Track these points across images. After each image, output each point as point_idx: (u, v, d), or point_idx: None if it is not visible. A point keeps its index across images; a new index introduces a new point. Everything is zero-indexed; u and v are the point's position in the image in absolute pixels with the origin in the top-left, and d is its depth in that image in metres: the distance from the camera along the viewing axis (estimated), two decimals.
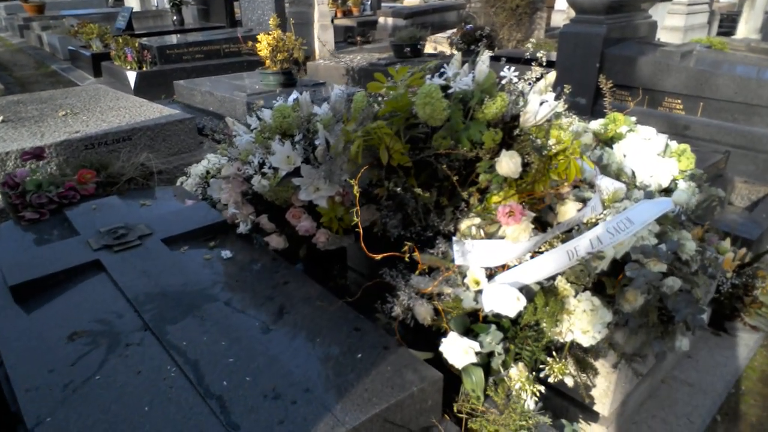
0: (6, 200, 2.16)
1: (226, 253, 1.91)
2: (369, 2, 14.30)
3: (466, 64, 1.78)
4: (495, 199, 1.66)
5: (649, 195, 2.05)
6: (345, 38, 10.05)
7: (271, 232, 2.03)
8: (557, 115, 1.71)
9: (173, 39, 7.01)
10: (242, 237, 2.03)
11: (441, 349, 1.52)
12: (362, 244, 1.53)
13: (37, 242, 1.97)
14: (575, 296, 1.63)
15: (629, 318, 1.74)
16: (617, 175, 2.48)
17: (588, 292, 1.63)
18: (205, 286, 1.70)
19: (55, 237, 2.00)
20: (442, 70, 1.67)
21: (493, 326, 1.54)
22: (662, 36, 6.45)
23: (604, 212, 1.77)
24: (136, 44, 6.20)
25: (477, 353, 1.50)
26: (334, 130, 1.92)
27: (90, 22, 8.11)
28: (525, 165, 1.56)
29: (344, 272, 2.13)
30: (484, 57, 1.69)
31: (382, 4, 13.63)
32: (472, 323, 1.59)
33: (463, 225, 1.64)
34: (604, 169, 2.41)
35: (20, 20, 11.43)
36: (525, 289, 1.58)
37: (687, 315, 1.72)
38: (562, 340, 1.63)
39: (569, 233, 1.69)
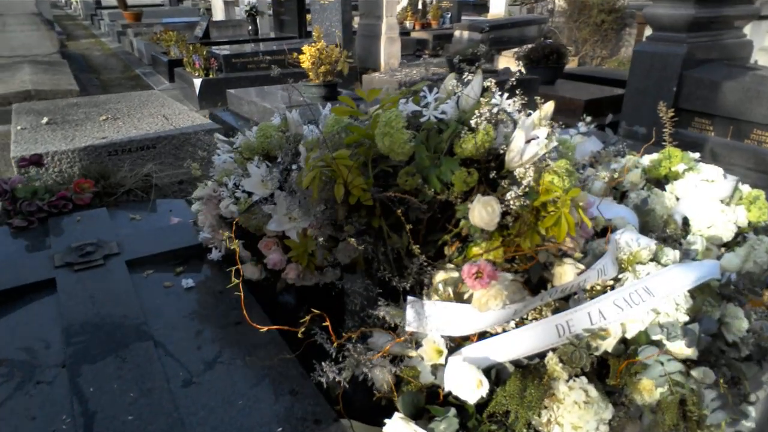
0: (3, 206, 2.15)
1: (188, 282, 1.76)
2: (449, 15, 14.07)
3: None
4: (475, 250, 1.37)
5: (691, 256, 1.65)
6: (414, 51, 9.89)
7: (247, 260, 1.86)
8: (562, 155, 1.39)
9: (244, 48, 7.17)
10: (217, 264, 1.87)
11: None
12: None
13: (11, 252, 1.93)
14: (567, 381, 1.30)
15: (641, 413, 1.38)
16: (665, 224, 2.08)
17: (584, 379, 1.29)
18: (147, 319, 1.55)
19: (30, 248, 1.94)
20: (422, 94, 1.41)
21: (453, 410, 1.25)
22: (760, 58, 5.68)
23: (622, 277, 1.42)
24: (204, 52, 6.38)
25: None
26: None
27: (174, 30, 8.53)
28: (507, 214, 1.27)
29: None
30: (477, 79, 1.41)
31: (463, 17, 13.35)
32: (432, 402, 1.31)
33: (438, 278, 1.37)
34: (647, 216, 2.01)
35: (119, 27, 12.35)
36: (497, 368, 1.28)
37: (722, 419, 1.34)
38: None
39: (568, 301, 1.36)
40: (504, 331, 1.31)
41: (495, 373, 1.26)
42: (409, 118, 1.34)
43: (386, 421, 1.24)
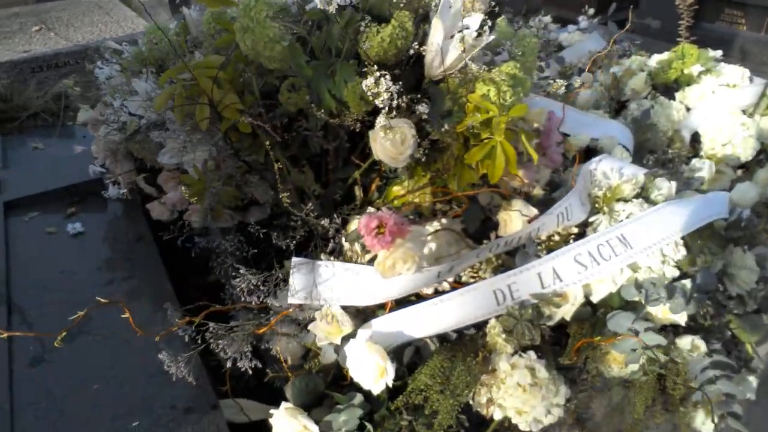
0: None
1: (76, 227, 1.46)
2: None
3: None
4: (396, 191, 1.03)
5: (693, 186, 1.29)
6: None
7: (153, 197, 1.54)
8: (513, 56, 1.00)
9: None
10: (117, 204, 1.56)
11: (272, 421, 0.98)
12: None
13: None
14: (512, 356, 1.00)
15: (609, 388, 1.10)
16: (669, 142, 1.68)
17: (532, 354, 0.99)
18: (12, 277, 1.27)
19: None
20: None
21: (359, 397, 0.97)
22: None
23: (595, 220, 1.08)
24: None
25: None
26: None
27: None
28: (433, 143, 0.91)
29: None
30: None
31: None
32: (338, 384, 1.03)
33: (352, 226, 1.04)
34: (647, 132, 1.62)
35: None
36: (417, 345, 0.98)
37: (713, 391, 1.05)
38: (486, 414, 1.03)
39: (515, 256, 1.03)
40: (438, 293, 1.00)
41: (413, 352, 0.97)
42: (287, 5, 0.95)
43: (272, 412, 0.98)
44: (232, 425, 1.05)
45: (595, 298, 1.02)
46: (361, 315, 1.01)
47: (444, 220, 1.02)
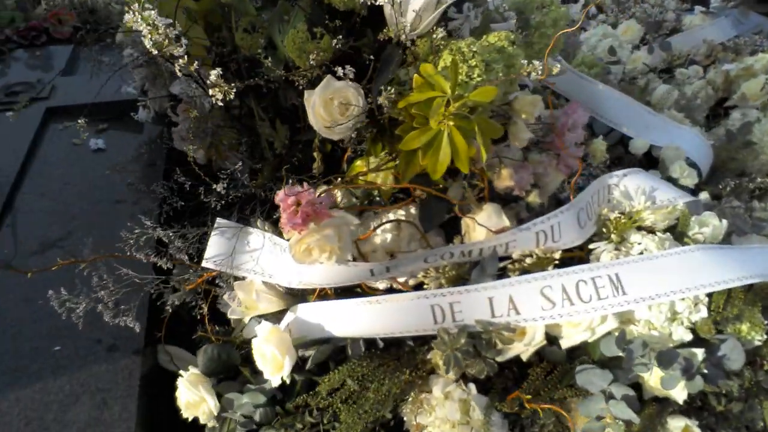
0: None
1: (98, 143, 1.50)
2: None
3: None
4: (359, 165, 0.90)
5: (764, 230, 1.01)
6: None
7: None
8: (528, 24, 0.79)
9: None
10: (148, 128, 1.58)
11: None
12: None
13: None
14: (451, 384, 0.85)
15: None
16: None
17: (472, 388, 0.83)
18: (22, 179, 1.34)
19: None
20: None
21: (271, 381, 0.88)
22: None
23: (596, 248, 0.86)
24: None
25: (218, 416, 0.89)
26: None
27: None
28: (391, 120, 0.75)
29: None
30: None
31: None
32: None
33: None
34: (738, 151, 1.29)
35: None
36: (348, 343, 0.86)
37: None
38: None
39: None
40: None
41: (329, 350, 0.85)
42: None
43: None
44: (167, 373, 1.02)
45: (564, 344, 0.82)
46: (298, 298, 0.91)
47: (402, 212, 0.87)
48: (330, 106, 0.71)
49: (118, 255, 0.84)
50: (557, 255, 0.82)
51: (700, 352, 0.83)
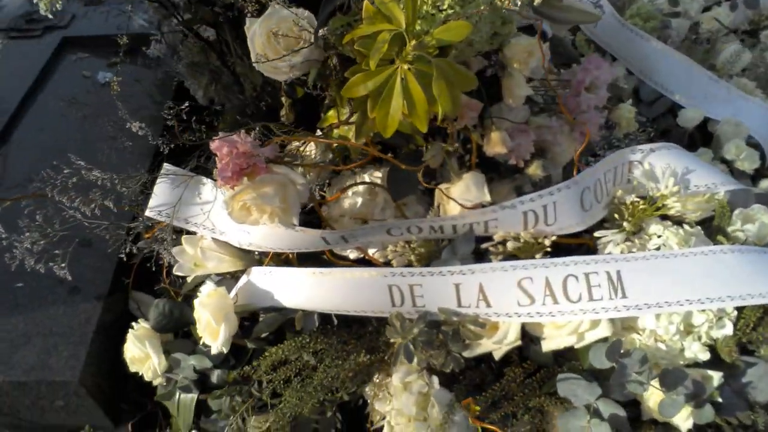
0: None
1: (107, 77, 1.44)
2: None
3: None
4: (331, 116, 0.78)
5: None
6: None
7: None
8: None
9: None
10: (162, 63, 1.51)
11: None
12: None
13: None
14: (413, 373, 0.75)
15: None
16: None
17: (435, 381, 0.73)
18: (26, 104, 1.31)
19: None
20: None
21: None
22: None
23: (604, 237, 0.71)
24: None
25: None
26: None
27: None
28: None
29: None
30: None
31: None
32: None
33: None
34: None
35: None
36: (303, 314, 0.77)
37: None
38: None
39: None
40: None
41: (274, 321, 0.76)
42: None
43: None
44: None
45: (546, 346, 0.69)
46: (254, 260, 0.82)
47: (379, 174, 0.75)
48: (273, 39, 0.59)
49: (42, 194, 0.77)
50: (548, 241, 0.67)
51: (717, 376, 0.68)
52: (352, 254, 0.81)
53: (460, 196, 0.66)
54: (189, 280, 0.84)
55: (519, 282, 0.64)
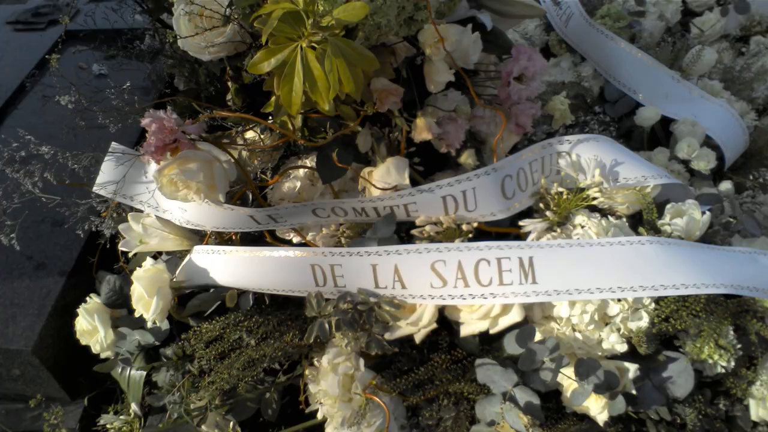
0: None
1: (102, 69, 1.51)
2: None
3: None
4: (273, 102, 0.80)
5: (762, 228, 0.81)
6: None
7: None
8: None
9: None
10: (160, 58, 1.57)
11: None
12: None
13: None
14: (342, 356, 0.76)
15: None
16: None
17: (361, 363, 0.74)
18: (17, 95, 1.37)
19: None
20: None
21: (166, 323, 0.84)
22: None
23: (525, 225, 0.72)
24: None
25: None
26: None
27: None
28: None
29: None
30: None
31: None
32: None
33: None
34: None
35: None
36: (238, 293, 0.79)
37: None
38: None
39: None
40: None
41: (210, 299, 0.79)
42: None
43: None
44: None
45: (464, 331, 0.70)
46: (198, 239, 0.85)
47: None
48: (195, 18, 0.62)
49: None
50: (467, 227, 0.68)
51: (633, 368, 0.67)
52: (296, 239, 0.84)
53: (381, 179, 0.68)
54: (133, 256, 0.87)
55: (432, 264, 0.65)
